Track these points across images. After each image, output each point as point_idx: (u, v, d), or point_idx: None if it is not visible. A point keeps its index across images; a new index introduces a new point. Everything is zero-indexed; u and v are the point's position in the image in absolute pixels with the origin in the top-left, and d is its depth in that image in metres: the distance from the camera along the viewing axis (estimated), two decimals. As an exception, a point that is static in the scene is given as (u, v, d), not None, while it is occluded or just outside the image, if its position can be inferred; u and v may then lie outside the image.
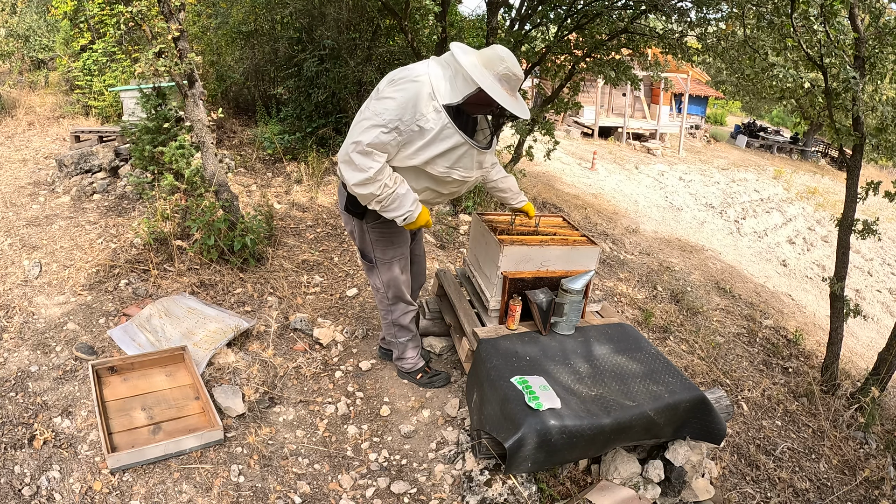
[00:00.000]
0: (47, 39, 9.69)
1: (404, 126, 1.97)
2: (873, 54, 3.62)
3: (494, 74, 2.02)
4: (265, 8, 7.02)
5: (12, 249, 3.83)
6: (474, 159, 2.17)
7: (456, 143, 2.04)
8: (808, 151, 19.57)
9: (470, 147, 2.09)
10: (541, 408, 1.98)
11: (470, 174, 2.21)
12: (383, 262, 2.46)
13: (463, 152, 2.10)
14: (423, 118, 1.97)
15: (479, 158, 2.20)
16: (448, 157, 2.08)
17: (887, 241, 10.51)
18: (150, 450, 2.19)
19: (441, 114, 1.99)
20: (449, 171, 2.14)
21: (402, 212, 2.10)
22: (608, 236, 6.72)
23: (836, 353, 4.00)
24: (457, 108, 2.09)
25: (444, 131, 2.01)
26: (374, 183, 2.03)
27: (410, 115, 1.97)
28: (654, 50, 6.50)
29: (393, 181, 2.06)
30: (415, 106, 1.96)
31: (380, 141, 1.98)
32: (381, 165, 2.02)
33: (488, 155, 2.27)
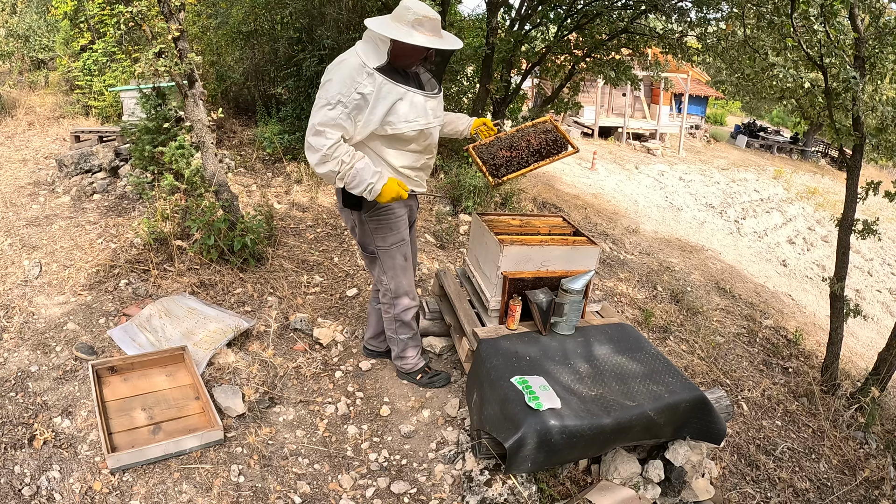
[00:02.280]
0: (47, 39, 9.70)
1: (346, 98, 2.08)
2: (873, 54, 3.62)
3: (407, 24, 2.11)
4: (265, 8, 7.02)
5: (12, 249, 3.83)
6: (426, 106, 2.24)
7: (399, 95, 2.13)
8: (808, 151, 19.57)
9: (413, 94, 2.18)
10: (541, 408, 1.98)
11: (429, 120, 2.27)
12: (384, 251, 2.48)
13: (410, 101, 2.17)
14: (360, 84, 2.08)
15: (431, 105, 2.27)
16: (398, 111, 2.15)
17: (887, 241, 10.51)
18: (150, 450, 2.19)
19: (374, 76, 2.09)
20: (408, 124, 2.20)
21: (364, 185, 2.16)
22: (608, 236, 6.72)
23: (836, 353, 4.00)
24: (393, 67, 2.17)
25: (382, 89, 2.11)
26: (329, 160, 2.12)
27: (348, 86, 2.08)
28: (654, 50, 6.50)
29: (350, 157, 2.13)
30: (351, 78, 2.09)
31: (328, 118, 2.10)
32: (334, 142, 2.11)
33: (437, 101, 2.33)
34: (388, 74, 2.12)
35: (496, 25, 5.77)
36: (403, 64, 2.20)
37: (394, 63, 2.16)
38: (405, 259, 2.54)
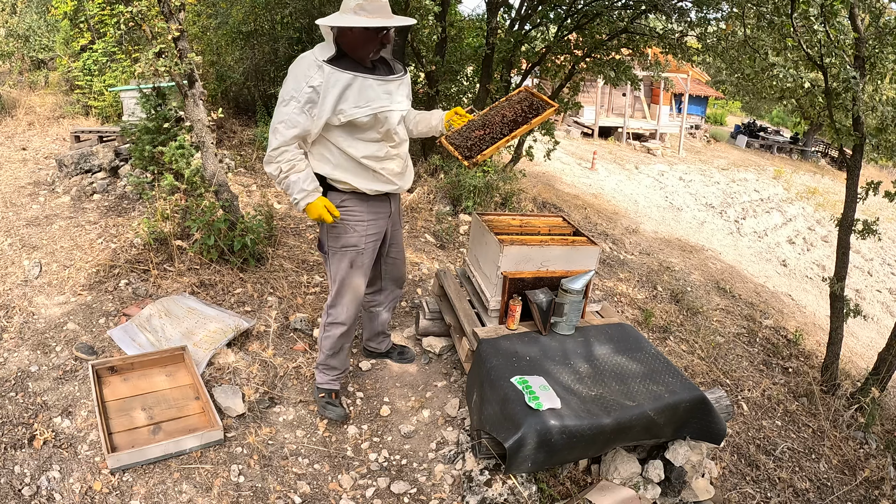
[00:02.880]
0: (47, 39, 9.70)
1: (298, 93, 2.08)
2: (873, 54, 3.62)
3: (350, 10, 2.09)
4: (265, 8, 7.02)
5: (12, 249, 3.83)
6: (379, 91, 2.16)
7: (347, 82, 2.09)
8: (808, 151, 19.57)
9: (364, 79, 2.12)
10: (541, 408, 1.98)
11: (383, 104, 2.18)
12: (334, 252, 2.40)
13: (360, 87, 2.11)
14: (311, 78, 2.08)
15: (387, 88, 2.19)
16: (348, 98, 2.10)
17: (887, 241, 10.51)
18: (150, 450, 2.19)
19: (324, 67, 2.08)
20: (359, 109, 2.13)
21: (292, 197, 2.20)
22: (608, 236, 6.72)
23: (836, 353, 4.00)
24: (349, 58, 2.14)
25: (330, 78, 2.08)
26: (272, 162, 2.16)
27: (300, 81, 2.09)
28: (654, 50, 6.50)
29: (289, 166, 2.16)
30: (303, 73, 2.09)
31: (282, 115, 2.11)
32: (282, 144, 2.13)
33: (396, 84, 2.24)
34: (337, 64, 2.10)
35: (496, 25, 5.77)
36: (361, 53, 2.14)
37: (352, 54, 2.14)
38: (351, 267, 2.39)
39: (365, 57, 2.15)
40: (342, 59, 2.13)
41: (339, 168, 2.24)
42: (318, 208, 2.20)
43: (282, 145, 2.13)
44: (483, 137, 2.32)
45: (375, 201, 2.38)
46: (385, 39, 2.16)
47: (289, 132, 2.12)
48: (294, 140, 2.15)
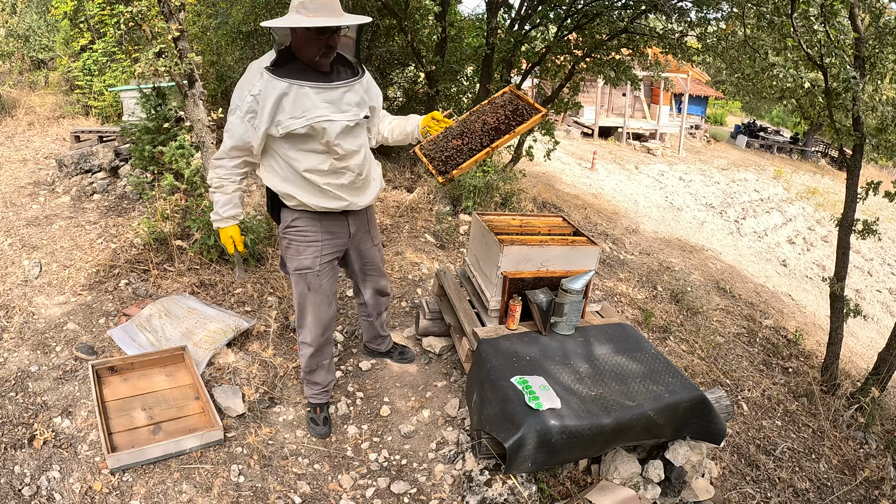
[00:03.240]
0: (47, 39, 9.69)
1: (241, 102, 1.97)
2: (873, 54, 3.62)
3: (293, 10, 1.92)
4: (265, 8, 7.02)
5: (12, 249, 3.83)
6: (317, 100, 1.98)
7: (282, 90, 1.94)
8: (808, 151, 19.57)
9: (300, 87, 1.95)
10: (541, 408, 1.98)
11: (320, 114, 1.99)
12: (291, 273, 2.28)
13: (295, 95, 1.95)
14: (252, 86, 1.96)
15: (327, 97, 2.00)
16: (284, 107, 1.95)
17: (887, 241, 10.51)
18: (150, 450, 2.19)
19: (264, 75, 1.94)
20: (294, 120, 1.96)
21: (213, 214, 2.17)
22: (608, 236, 6.72)
23: (836, 353, 4.00)
24: (295, 63, 1.99)
25: (268, 86, 1.94)
26: (210, 170, 2.14)
27: (245, 90, 1.97)
28: (654, 50, 6.50)
29: (218, 183, 2.10)
30: (248, 81, 1.98)
31: (230, 125, 2.02)
32: (222, 155, 2.06)
33: (340, 92, 2.05)
34: (277, 70, 1.95)
35: (496, 25, 5.77)
36: (306, 56, 1.97)
37: (300, 58, 1.99)
38: (308, 289, 2.28)
39: (311, 60, 1.98)
40: (285, 65, 1.98)
41: (286, 182, 2.11)
42: (224, 235, 2.17)
43: (222, 156, 2.07)
44: (461, 148, 2.13)
45: (329, 220, 2.24)
46: (331, 42, 1.95)
47: (228, 143, 2.02)
48: (234, 152, 2.04)
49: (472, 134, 2.16)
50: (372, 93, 2.23)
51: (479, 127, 2.18)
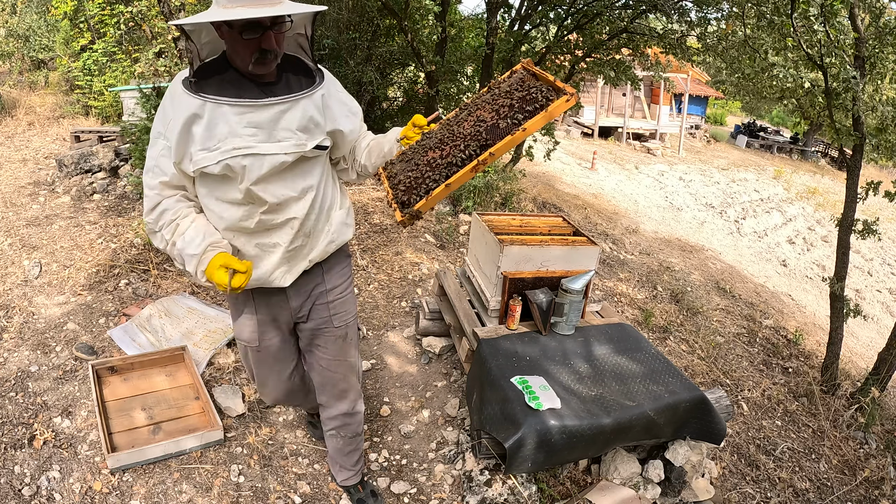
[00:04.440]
0: (47, 39, 9.69)
1: (164, 126, 1.46)
2: (874, 54, 3.62)
3: (215, 4, 1.39)
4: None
5: (12, 249, 3.83)
6: (237, 122, 1.42)
7: (192, 110, 1.40)
8: (808, 151, 19.57)
9: (216, 105, 1.40)
10: (541, 408, 1.98)
11: (244, 144, 1.43)
12: (238, 342, 1.86)
13: (209, 118, 1.40)
14: (166, 106, 1.47)
15: (254, 119, 1.43)
16: (194, 135, 1.42)
17: (887, 241, 10.51)
18: (150, 450, 2.19)
19: (177, 89, 1.44)
20: (206, 154, 1.42)
21: (187, 272, 1.49)
22: (608, 236, 6.72)
23: (836, 353, 4.00)
24: (225, 74, 1.46)
25: (177, 105, 1.42)
26: (153, 234, 1.53)
27: (162, 113, 1.48)
28: (654, 50, 6.50)
29: (172, 230, 1.49)
30: (166, 99, 1.48)
31: (150, 160, 1.50)
32: (154, 203, 1.50)
33: (276, 111, 1.45)
34: (194, 84, 1.43)
35: (496, 25, 5.77)
36: (240, 65, 1.44)
37: (230, 60, 1.46)
38: (253, 362, 1.85)
39: (245, 68, 1.43)
40: (212, 77, 1.45)
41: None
42: (215, 273, 1.41)
43: (155, 205, 1.50)
44: (435, 164, 1.49)
45: (263, 290, 1.69)
46: (265, 43, 1.38)
47: (155, 181, 1.48)
48: (167, 190, 1.50)
49: (458, 139, 1.50)
50: (335, 111, 1.58)
51: (470, 127, 1.51)
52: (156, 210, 1.50)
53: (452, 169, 1.46)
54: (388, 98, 7.29)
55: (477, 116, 1.54)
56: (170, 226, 1.50)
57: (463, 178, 1.43)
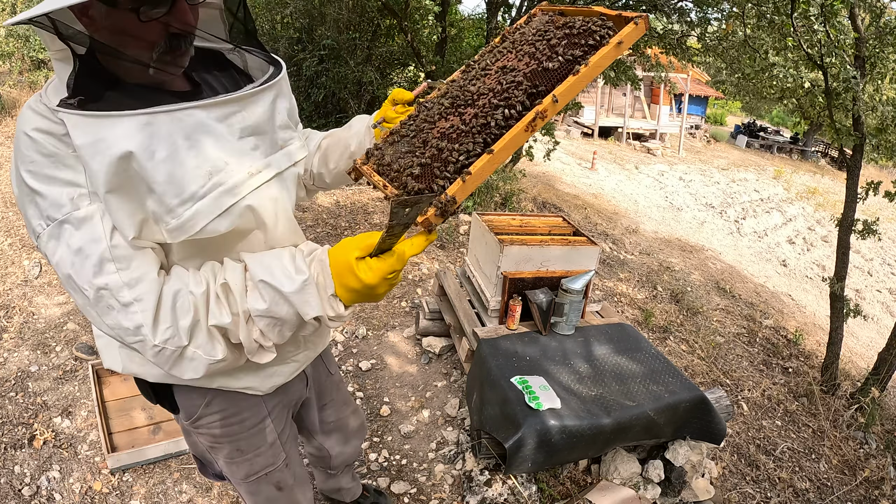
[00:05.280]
0: (47, 39, 9.71)
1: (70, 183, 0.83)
2: (874, 54, 3.62)
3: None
4: (265, 8, 7.02)
5: (12, 249, 3.83)
6: (231, 130, 0.92)
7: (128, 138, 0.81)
8: (808, 151, 19.58)
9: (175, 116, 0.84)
10: (541, 408, 1.98)
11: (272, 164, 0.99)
12: (239, 483, 1.31)
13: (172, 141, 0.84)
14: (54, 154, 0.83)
15: (251, 118, 0.95)
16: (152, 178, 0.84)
17: (887, 241, 10.51)
18: (150, 450, 2.19)
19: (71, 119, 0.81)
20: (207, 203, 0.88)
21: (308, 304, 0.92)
22: (608, 236, 6.72)
23: (836, 353, 4.00)
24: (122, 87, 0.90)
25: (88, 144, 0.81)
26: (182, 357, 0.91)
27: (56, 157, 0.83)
28: (654, 50, 6.50)
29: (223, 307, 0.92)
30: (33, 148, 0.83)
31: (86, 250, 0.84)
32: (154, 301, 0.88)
33: (270, 103, 0.99)
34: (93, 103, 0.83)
35: (496, 25, 5.77)
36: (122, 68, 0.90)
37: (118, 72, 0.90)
38: (280, 489, 1.34)
39: (137, 74, 0.90)
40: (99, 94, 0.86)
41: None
42: (365, 266, 0.90)
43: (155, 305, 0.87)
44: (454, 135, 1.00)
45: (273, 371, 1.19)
46: (177, 22, 0.86)
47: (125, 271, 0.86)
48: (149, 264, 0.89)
49: (482, 97, 1.04)
50: (292, 102, 1.10)
51: (494, 81, 1.05)
52: (163, 305, 0.88)
53: (492, 131, 0.97)
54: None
55: (499, 68, 1.09)
56: (212, 299, 0.91)
57: (514, 142, 0.94)
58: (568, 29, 1.07)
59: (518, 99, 0.99)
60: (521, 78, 1.02)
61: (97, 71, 0.88)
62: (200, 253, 0.96)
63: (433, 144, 1.01)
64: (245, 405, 1.19)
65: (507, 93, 1.01)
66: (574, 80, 0.97)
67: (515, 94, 0.99)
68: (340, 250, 0.91)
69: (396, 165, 1.02)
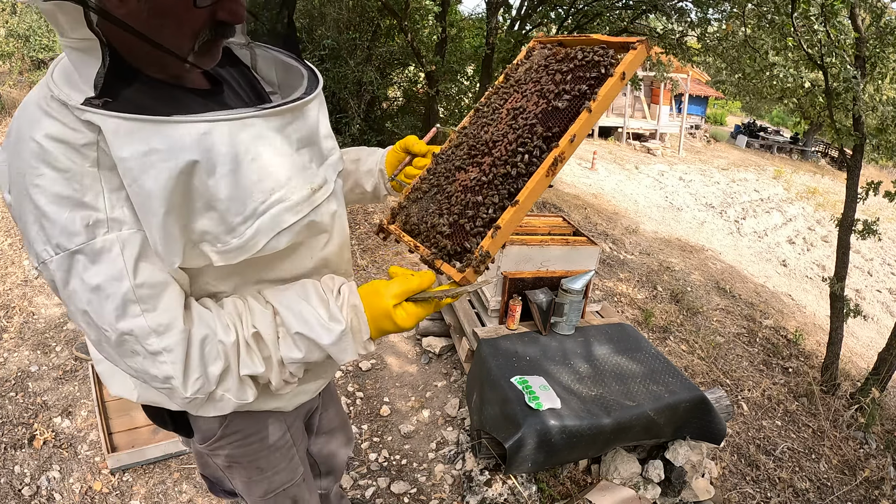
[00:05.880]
0: (47, 39, 9.70)
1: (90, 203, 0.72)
2: (874, 54, 3.62)
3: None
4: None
5: (12, 249, 3.83)
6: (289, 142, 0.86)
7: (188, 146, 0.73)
8: (808, 151, 19.58)
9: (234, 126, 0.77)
10: (541, 408, 1.98)
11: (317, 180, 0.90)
12: (255, 502, 1.25)
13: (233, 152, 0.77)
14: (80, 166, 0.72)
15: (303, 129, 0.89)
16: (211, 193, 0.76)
17: (887, 241, 10.51)
18: (150, 450, 2.19)
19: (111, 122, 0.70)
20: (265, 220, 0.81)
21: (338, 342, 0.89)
22: (608, 236, 6.72)
23: (836, 353, 4.00)
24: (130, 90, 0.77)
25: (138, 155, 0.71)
26: (214, 400, 0.87)
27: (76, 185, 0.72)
28: (654, 50, 6.51)
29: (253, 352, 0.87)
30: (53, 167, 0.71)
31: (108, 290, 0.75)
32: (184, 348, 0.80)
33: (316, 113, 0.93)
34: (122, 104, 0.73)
35: (496, 25, 5.78)
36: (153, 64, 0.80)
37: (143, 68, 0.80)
38: (296, 503, 1.28)
39: (174, 68, 0.82)
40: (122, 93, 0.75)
41: None
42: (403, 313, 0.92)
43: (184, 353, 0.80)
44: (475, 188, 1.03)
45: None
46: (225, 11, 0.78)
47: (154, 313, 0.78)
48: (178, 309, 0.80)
49: (497, 144, 1.06)
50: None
51: (506, 126, 1.07)
52: (192, 356, 0.81)
53: (513, 182, 0.99)
54: (388, 98, 7.29)
55: (508, 110, 1.09)
56: (242, 348, 0.86)
57: (537, 189, 0.96)
58: (570, 62, 1.07)
59: (535, 144, 1.00)
60: (535, 121, 1.03)
61: (121, 65, 0.76)
62: (240, 272, 0.89)
63: (458, 199, 1.04)
64: (265, 423, 1.13)
65: (522, 138, 1.02)
66: (587, 118, 0.98)
67: (532, 140, 1.01)
68: (376, 297, 0.90)
69: (425, 226, 1.05)
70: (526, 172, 0.99)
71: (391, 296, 0.89)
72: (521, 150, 1.01)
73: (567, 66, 1.07)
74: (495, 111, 1.14)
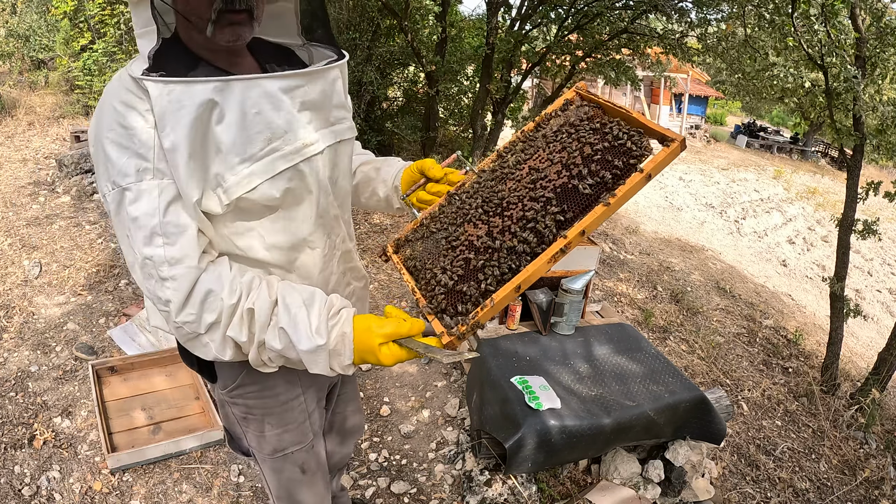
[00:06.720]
0: (47, 39, 9.70)
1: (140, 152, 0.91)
2: (875, 54, 3.62)
3: None
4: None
5: (12, 249, 3.83)
6: (293, 103, 0.98)
7: (208, 95, 0.90)
8: (808, 151, 19.58)
9: (249, 83, 0.93)
10: (541, 408, 1.98)
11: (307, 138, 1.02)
12: (263, 460, 1.33)
13: (242, 107, 0.93)
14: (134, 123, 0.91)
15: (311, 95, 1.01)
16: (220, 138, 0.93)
17: (887, 241, 10.51)
18: (150, 450, 2.19)
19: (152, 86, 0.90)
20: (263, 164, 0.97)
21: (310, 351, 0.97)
22: (608, 236, 6.72)
23: (836, 353, 4.00)
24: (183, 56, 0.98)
25: (167, 105, 0.89)
26: (199, 340, 0.99)
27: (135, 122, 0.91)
28: (654, 50, 6.51)
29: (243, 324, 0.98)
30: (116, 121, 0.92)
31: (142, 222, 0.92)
32: (190, 284, 0.94)
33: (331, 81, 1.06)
34: (171, 70, 0.92)
35: (496, 25, 5.77)
36: (192, 38, 0.99)
37: (193, 48, 0.99)
38: (304, 472, 1.34)
39: (201, 41, 0.98)
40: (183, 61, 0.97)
41: None
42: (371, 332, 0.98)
43: (190, 288, 0.94)
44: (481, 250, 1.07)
45: None
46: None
47: (174, 248, 0.93)
48: (197, 253, 0.95)
49: (511, 206, 1.08)
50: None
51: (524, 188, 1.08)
52: (194, 295, 0.94)
53: (517, 259, 1.00)
54: (388, 98, 7.29)
55: (530, 169, 1.08)
56: (237, 314, 0.96)
57: (536, 273, 0.97)
58: (603, 139, 1.05)
59: (546, 225, 1.02)
60: (552, 195, 1.03)
61: (178, 51, 0.98)
62: (249, 230, 1.04)
63: (462, 255, 1.07)
64: (281, 380, 1.23)
65: (536, 212, 1.03)
66: (602, 213, 0.98)
67: (544, 220, 1.02)
68: (367, 333, 0.99)
69: (427, 274, 1.11)
70: (531, 252, 1.01)
71: (381, 335, 0.98)
72: (531, 227, 1.03)
73: (598, 140, 1.05)
74: (517, 165, 1.14)
